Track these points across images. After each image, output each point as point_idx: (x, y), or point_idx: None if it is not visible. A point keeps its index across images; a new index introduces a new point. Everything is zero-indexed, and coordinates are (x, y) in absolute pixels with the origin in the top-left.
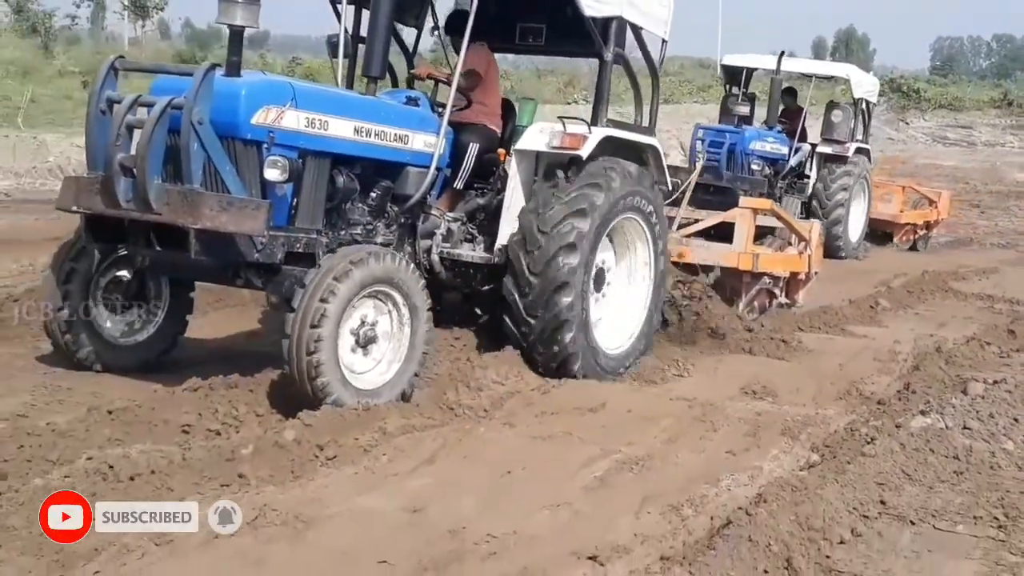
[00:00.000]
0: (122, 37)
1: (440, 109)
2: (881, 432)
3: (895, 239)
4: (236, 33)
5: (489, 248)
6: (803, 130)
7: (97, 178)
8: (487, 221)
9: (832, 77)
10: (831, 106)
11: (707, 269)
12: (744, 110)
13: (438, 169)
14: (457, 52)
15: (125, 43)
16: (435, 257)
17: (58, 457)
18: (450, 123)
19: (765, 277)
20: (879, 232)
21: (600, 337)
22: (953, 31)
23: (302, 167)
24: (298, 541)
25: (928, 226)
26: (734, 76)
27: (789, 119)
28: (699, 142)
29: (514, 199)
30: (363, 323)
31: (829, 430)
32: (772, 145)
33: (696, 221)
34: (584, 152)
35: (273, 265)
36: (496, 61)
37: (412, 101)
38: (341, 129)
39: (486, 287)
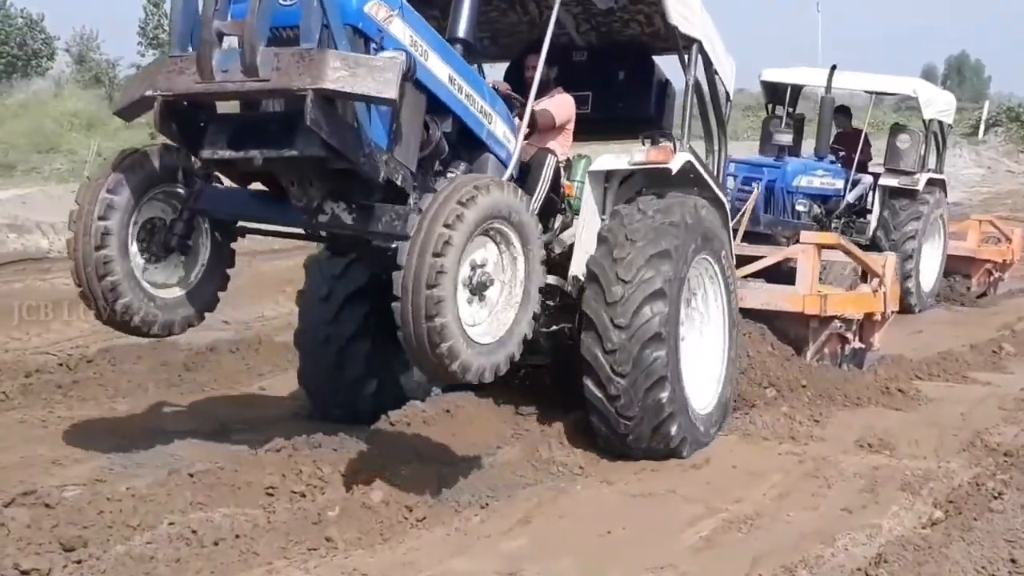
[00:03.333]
0: None
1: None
2: (1009, 486)
3: (973, 280)
4: None
5: (562, 277)
6: (863, 159)
7: (180, 57)
8: (556, 256)
9: (896, 94)
10: (896, 129)
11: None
12: (786, 139)
13: (512, 178)
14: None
15: None
16: None
17: (139, 523)
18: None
19: (835, 321)
20: (952, 272)
21: (692, 398)
22: None
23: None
24: None
25: (1003, 266)
26: (776, 94)
27: (845, 145)
28: (731, 178)
29: (587, 229)
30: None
31: (953, 484)
32: (822, 179)
33: (750, 260)
34: (674, 166)
35: (372, 183)
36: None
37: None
38: (438, 68)
39: (552, 327)
